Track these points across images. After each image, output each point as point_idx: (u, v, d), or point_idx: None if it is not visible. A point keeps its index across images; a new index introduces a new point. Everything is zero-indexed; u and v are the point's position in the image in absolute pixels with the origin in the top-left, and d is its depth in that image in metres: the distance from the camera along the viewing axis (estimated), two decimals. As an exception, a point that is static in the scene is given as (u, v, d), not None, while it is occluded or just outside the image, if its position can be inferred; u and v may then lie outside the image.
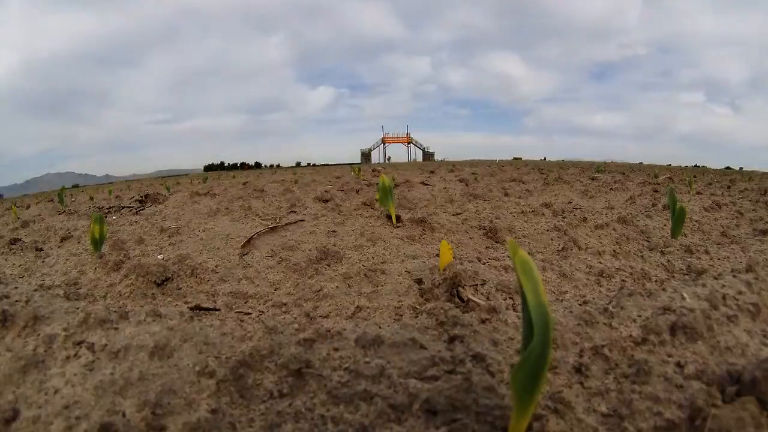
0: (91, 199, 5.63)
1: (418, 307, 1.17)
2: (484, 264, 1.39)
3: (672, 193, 1.86)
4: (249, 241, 2.01)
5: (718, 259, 1.39)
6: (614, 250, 1.53)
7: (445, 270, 1.30)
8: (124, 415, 0.64)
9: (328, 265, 1.59)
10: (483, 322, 0.99)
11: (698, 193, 3.75)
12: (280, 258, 1.69)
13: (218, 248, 1.90)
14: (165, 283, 1.39)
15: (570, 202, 3.06)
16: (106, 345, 0.80)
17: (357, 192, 4.05)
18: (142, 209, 3.62)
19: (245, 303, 1.29)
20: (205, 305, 1.27)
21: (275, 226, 2.32)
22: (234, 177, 9.72)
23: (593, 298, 1.14)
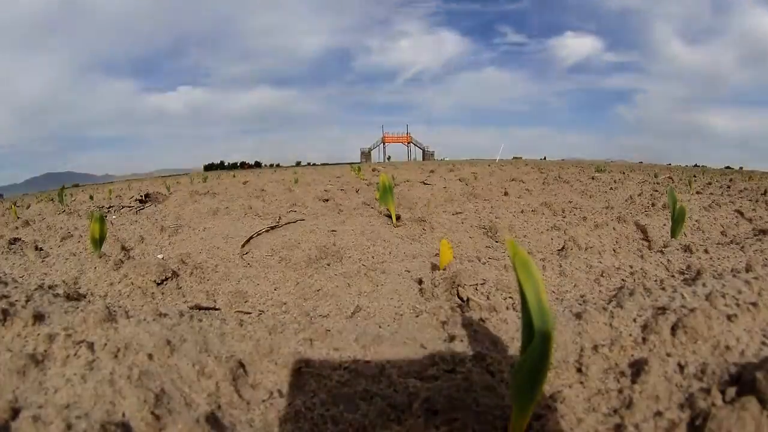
0: (91, 198, 5.63)
1: (418, 306, 1.17)
2: (484, 263, 1.39)
3: (672, 193, 1.86)
4: (249, 240, 2.01)
5: (718, 259, 1.39)
6: (614, 249, 1.53)
7: (445, 269, 1.30)
8: (124, 415, 0.65)
9: (328, 265, 1.59)
10: (483, 321, 0.99)
11: (698, 192, 3.75)
12: (280, 257, 1.69)
13: (218, 247, 1.90)
14: (165, 282, 1.39)
15: (570, 202, 3.06)
16: (106, 344, 0.80)
17: (357, 191, 4.05)
18: (143, 208, 3.62)
19: (245, 302, 1.30)
20: (205, 304, 1.27)
21: (275, 226, 2.32)
22: (234, 176, 9.74)
23: (593, 298, 1.14)
